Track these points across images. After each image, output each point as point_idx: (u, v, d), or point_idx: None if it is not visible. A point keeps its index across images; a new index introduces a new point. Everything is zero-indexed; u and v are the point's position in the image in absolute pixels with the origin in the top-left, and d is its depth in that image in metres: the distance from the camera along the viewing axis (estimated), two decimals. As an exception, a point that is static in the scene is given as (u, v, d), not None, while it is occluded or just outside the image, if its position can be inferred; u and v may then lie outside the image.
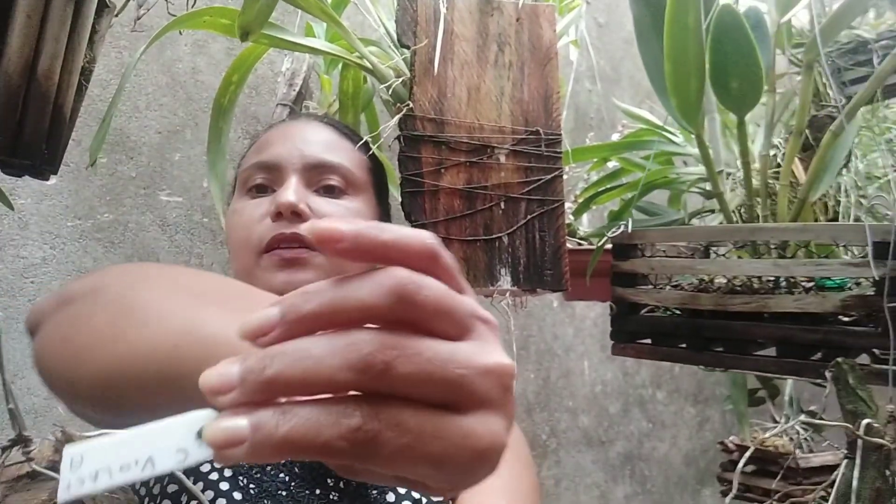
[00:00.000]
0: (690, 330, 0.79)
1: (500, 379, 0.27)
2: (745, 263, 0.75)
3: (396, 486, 0.29)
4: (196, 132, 1.02)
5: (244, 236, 0.74)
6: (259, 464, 0.67)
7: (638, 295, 0.84)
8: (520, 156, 0.72)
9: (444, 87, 0.71)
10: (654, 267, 0.82)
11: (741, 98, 0.74)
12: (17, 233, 0.88)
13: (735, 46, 0.70)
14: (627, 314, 0.85)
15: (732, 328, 0.75)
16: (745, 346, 0.76)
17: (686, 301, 0.78)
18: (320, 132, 0.79)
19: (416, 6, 0.71)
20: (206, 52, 1.04)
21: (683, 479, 1.66)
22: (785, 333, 0.71)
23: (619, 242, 0.84)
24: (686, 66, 0.72)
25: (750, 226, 0.79)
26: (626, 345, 0.85)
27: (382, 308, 0.25)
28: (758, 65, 0.71)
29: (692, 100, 0.74)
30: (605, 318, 1.55)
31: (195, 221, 1.02)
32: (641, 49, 0.81)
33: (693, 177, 0.91)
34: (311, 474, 0.69)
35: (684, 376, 1.67)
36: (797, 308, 0.70)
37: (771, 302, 0.71)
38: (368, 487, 0.69)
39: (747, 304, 0.73)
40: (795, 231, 0.72)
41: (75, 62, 0.59)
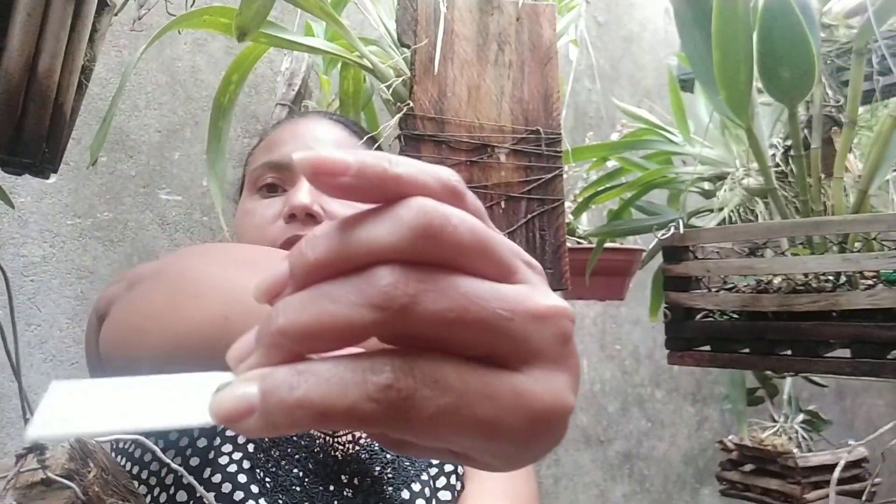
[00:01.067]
0: (753, 333, 0.75)
1: (557, 326, 0.23)
2: (811, 260, 0.71)
3: (443, 459, 0.25)
4: (196, 131, 1.02)
5: (256, 237, 0.74)
6: (277, 457, 0.67)
7: (693, 299, 0.80)
8: (520, 155, 0.72)
9: (445, 86, 0.71)
10: (709, 269, 0.78)
11: (793, 88, 0.70)
12: (17, 231, 0.88)
13: (786, 33, 0.67)
14: (683, 320, 0.81)
15: (800, 329, 0.71)
16: (814, 348, 0.72)
17: (747, 303, 0.74)
18: (331, 130, 0.79)
19: (416, 5, 0.71)
20: (205, 51, 1.04)
21: (682, 478, 1.66)
22: (858, 332, 0.67)
23: (670, 245, 0.81)
24: (735, 55, 0.69)
25: (813, 220, 0.74)
26: (683, 353, 0.81)
27: (405, 247, 0.20)
28: (810, 52, 0.67)
29: (742, 91, 0.71)
30: (604, 318, 1.56)
31: (195, 220, 1.02)
32: (684, 43, 0.78)
33: (692, 176, 0.91)
34: (325, 471, 0.69)
35: (683, 375, 1.68)
36: (871, 304, 0.66)
37: (841, 299, 0.67)
38: (384, 484, 0.69)
39: (815, 303, 0.69)
40: (863, 222, 0.68)
41: (76, 61, 0.59)
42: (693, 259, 0.80)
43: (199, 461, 0.65)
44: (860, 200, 0.74)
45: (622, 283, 1.07)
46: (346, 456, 0.70)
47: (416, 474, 0.71)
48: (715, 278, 0.81)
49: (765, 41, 0.69)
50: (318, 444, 0.70)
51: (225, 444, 0.66)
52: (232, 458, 0.65)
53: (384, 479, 0.69)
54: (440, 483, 0.73)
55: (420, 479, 0.71)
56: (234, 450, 0.66)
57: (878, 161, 0.73)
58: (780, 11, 0.67)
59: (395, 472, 0.70)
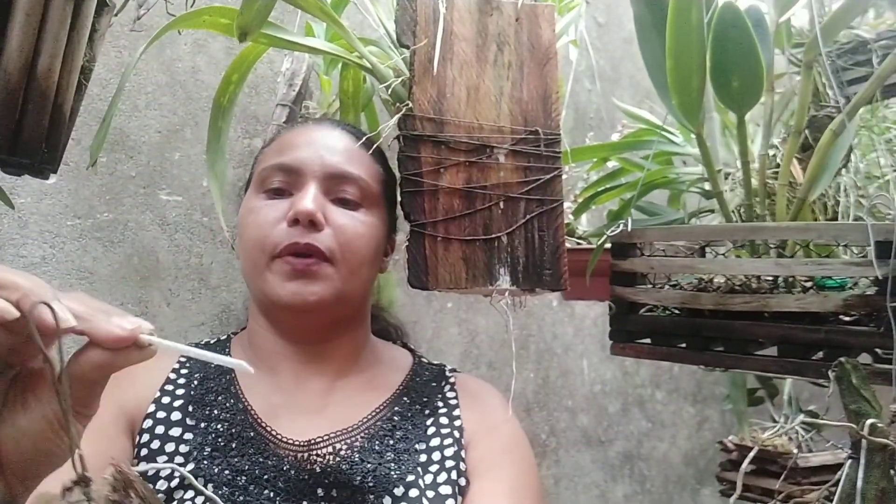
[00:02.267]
0: (690, 329, 0.79)
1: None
2: (747, 263, 0.74)
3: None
4: (196, 131, 1.02)
5: (258, 237, 0.74)
6: (244, 484, 0.68)
7: (637, 294, 0.84)
8: (519, 155, 0.72)
9: (444, 86, 0.71)
10: (653, 266, 0.82)
11: (742, 97, 0.74)
12: (17, 232, 0.88)
13: (736, 44, 0.70)
14: (626, 314, 0.85)
15: (733, 327, 0.75)
16: (745, 346, 0.75)
17: (686, 300, 0.78)
18: (342, 140, 0.79)
19: (415, 6, 0.71)
20: (205, 52, 1.04)
21: (683, 479, 1.66)
22: (786, 333, 0.71)
23: (619, 241, 0.84)
24: (688, 63, 0.72)
25: (750, 225, 0.78)
26: (625, 344, 0.85)
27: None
28: (759, 63, 0.70)
29: (693, 98, 0.74)
30: (604, 318, 1.55)
31: (195, 220, 1.02)
32: (642, 47, 0.81)
33: (693, 176, 0.91)
34: (299, 486, 0.69)
35: (683, 376, 1.67)
36: (799, 307, 0.70)
37: (772, 301, 0.71)
38: (365, 493, 0.69)
39: (748, 304, 0.73)
40: (797, 230, 0.72)
41: (75, 61, 0.59)
42: (639, 256, 0.83)
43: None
44: (798, 208, 0.77)
45: (622, 284, 1.07)
46: (324, 468, 0.70)
47: (399, 478, 0.71)
48: (661, 276, 0.84)
49: (718, 51, 0.71)
50: (289, 462, 0.70)
51: (187, 492, 0.67)
52: (195, 502, 0.66)
53: (364, 488, 0.69)
54: (441, 478, 0.73)
55: (405, 481, 0.71)
56: (195, 495, 0.67)
57: (818, 171, 0.75)
58: (733, 23, 0.70)
59: (377, 479, 0.70)
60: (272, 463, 0.70)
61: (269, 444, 0.71)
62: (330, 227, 0.74)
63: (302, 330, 0.78)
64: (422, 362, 0.87)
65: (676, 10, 0.70)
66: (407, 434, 0.76)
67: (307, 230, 0.72)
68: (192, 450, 0.70)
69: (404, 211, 0.71)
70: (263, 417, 0.73)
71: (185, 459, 0.69)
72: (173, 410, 0.73)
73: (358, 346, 0.82)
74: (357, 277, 0.76)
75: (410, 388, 0.81)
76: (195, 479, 0.68)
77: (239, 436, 0.71)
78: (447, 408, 0.80)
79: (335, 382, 0.79)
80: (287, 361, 0.78)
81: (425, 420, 0.78)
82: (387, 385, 0.81)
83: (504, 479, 0.75)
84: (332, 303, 0.74)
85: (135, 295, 0.96)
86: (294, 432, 0.73)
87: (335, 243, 0.73)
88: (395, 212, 0.85)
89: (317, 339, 0.78)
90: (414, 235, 0.70)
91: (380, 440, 0.74)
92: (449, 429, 0.78)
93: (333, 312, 0.76)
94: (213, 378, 0.77)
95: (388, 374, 0.83)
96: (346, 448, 0.73)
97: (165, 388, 0.75)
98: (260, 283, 0.75)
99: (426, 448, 0.75)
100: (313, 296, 0.72)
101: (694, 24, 0.70)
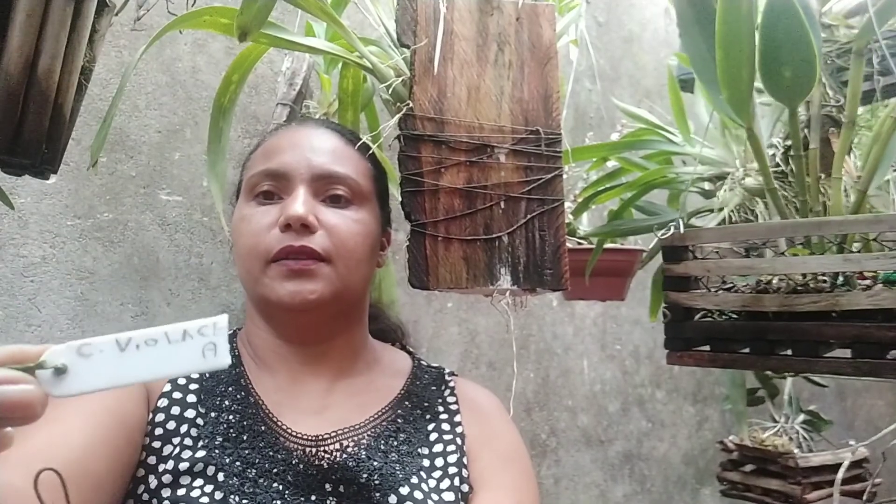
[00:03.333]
0: (754, 333, 0.75)
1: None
2: (812, 260, 0.71)
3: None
4: (196, 131, 1.02)
5: (252, 244, 0.74)
6: (255, 476, 0.68)
7: (693, 299, 0.80)
8: (520, 155, 0.72)
9: (444, 86, 0.71)
10: (709, 269, 0.78)
11: (794, 88, 0.70)
12: (17, 232, 0.88)
13: (788, 33, 0.67)
14: (682, 320, 0.81)
15: (801, 329, 0.71)
16: (815, 348, 0.72)
17: (748, 303, 0.74)
18: (328, 140, 0.79)
19: (416, 6, 0.71)
20: (206, 52, 1.04)
21: (683, 479, 1.66)
22: (859, 332, 0.67)
23: (670, 245, 0.81)
24: (738, 55, 0.69)
25: (814, 220, 0.74)
26: (682, 353, 0.81)
27: None
28: (812, 52, 0.67)
29: (744, 91, 0.71)
30: (604, 318, 1.56)
31: (195, 220, 1.02)
32: (685, 42, 0.78)
33: (692, 176, 0.91)
34: (307, 481, 0.69)
35: (683, 376, 1.68)
36: (871, 304, 0.66)
37: (842, 300, 0.68)
38: (371, 490, 0.69)
39: (816, 304, 0.69)
40: (866, 223, 0.68)
41: (75, 61, 0.59)
42: (693, 259, 0.80)
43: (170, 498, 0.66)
44: (859, 201, 0.74)
45: (622, 284, 1.07)
46: (331, 464, 0.70)
47: (404, 478, 0.71)
48: (714, 278, 0.81)
49: (767, 41, 0.68)
50: (297, 456, 0.71)
51: (195, 479, 0.67)
52: (203, 490, 0.66)
53: (371, 485, 0.69)
54: (444, 485, 0.74)
55: (409, 482, 0.71)
56: (204, 483, 0.67)
57: (877, 161, 0.73)
58: (783, 11, 0.67)
59: (383, 477, 0.70)
60: (281, 457, 0.70)
61: (280, 437, 0.72)
62: (323, 227, 0.74)
63: (300, 331, 0.78)
64: (421, 365, 0.87)
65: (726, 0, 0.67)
66: (410, 438, 0.76)
67: (300, 234, 0.72)
68: (202, 436, 0.70)
69: (405, 211, 0.71)
70: (273, 411, 0.74)
71: (194, 443, 0.70)
72: (188, 393, 0.74)
73: (356, 347, 0.82)
74: (354, 275, 0.76)
75: (411, 393, 0.81)
76: (206, 467, 0.68)
77: (250, 428, 0.71)
78: (448, 413, 0.80)
79: (334, 384, 0.79)
80: (285, 363, 0.78)
81: (427, 425, 0.78)
82: (387, 388, 0.81)
83: (505, 489, 0.76)
84: (330, 301, 0.74)
85: (135, 295, 0.96)
86: (301, 428, 0.73)
87: (330, 243, 0.74)
88: (388, 206, 0.85)
89: (315, 340, 0.78)
90: (414, 235, 0.70)
91: (385, 440, 0.74)
92: (451, 435, 0.78)
93: (332, 312, 0.76)
94: (222, 371, 0.77)
95: (388, 377, 0.83)
96: (354, 445, 0.73)
97: (176, 379, 0.75)
98: (258, 288, 0.75)
99: (429, 453, 0.75)
100: (312, 294, 0.72)
101: (744, 14, 0.67)
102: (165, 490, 0.66)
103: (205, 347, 0.37)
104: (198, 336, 0.37)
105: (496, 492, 0.75)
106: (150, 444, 0.70)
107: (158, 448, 0.69)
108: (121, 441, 0.67)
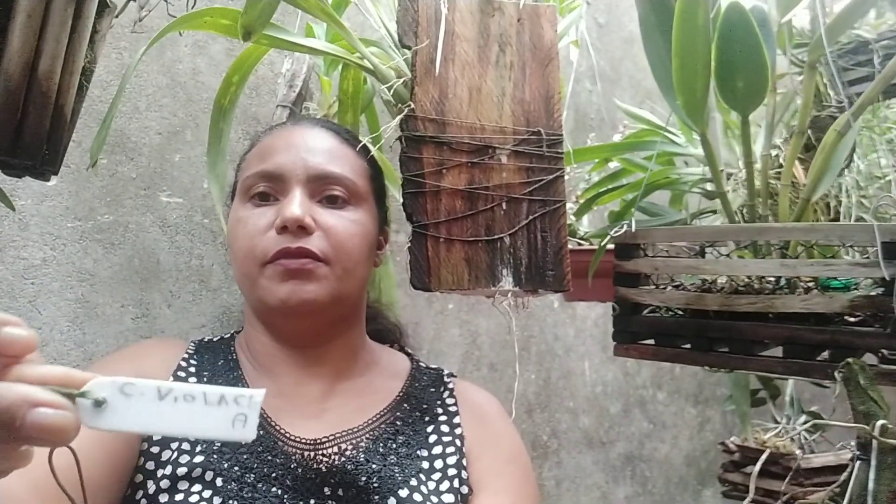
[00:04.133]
0: (695, 330, 0.79)
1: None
2: (752, 263, 0.74)
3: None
4: (196, 133, 1.02)
5: (248, 246, 0.74)
6: (253, 481, 0.68)
7: (641, 295, 0.83)
8: (521, 156, 0.72)
9: (446, 87, 0.71)
10: (657, 267, 0.81)
11: (746, 97, 0.74)
12: (18, 234, 0.88)
13: (742, 45, 0.70)
14: (630, 314, 0.84)
15: (738, 328, 0.75)
16: (750, 347, 0.75)
17: (691, 301, 0.77)
18: (323, 139, 0.78)
19: (417, 7, 0.71)
20: (206, 53, 1.04)
21: (684, 480, 1.65)
22: (791, 334, 0.71)
23: (622, 242, 0.84)
24: (693, 63, 0.72)
25: (756, 225, 0.78)
26: (628, 346, 0.85)
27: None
28: (764, 64, 0.70)
29: (698, 98, 0.74)
30: (606, 319, 1.55)
31: (195, 222, 1.02)
32: (647, 48, 0.80)
33: (694, 177, 0.91)
34: (306, 485, 0.69)
35: (685, 377, 1.67)
36: (804, 308, 0.69)
37: (777, 302, 0.71)
38: (370, 493, 0.69)
39: (753, 305, 0.73)
40: (803, 231, 0.72)
41: (76, 63, 0.58)
42: (643, 256, 0.83)
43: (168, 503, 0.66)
44: (802, 208, 0.77)
45: (624, 285, 1.07)
46: (330, 468, 0.70)
47: (404, 480, 0.71)
48: (663, 276, 0.84)
49: (723, 51, 0.71)
50: (296, 460, 0.70)
51: (193, 484, 0.67)
52: (202, 496, 0.66)
53: (370, 488, 0.69)
54: (444, 486, 0.73)
55: (409, 484, 0.71)
56: (203, 488, 0.67)
57: (821, 172, 0.75)
58: (738, 23, 0.70)
59: (382, 480, 0.70)
60: (280, 461, 0.70)
61: (278, 441, 0.71)
62: (320, 229, 0.73)
63: (298, 333, 0.77)
64: (420, 367, 0.86)
65: (683, 9, 0.70)
66: (409, 440, 0.76)
67: (297, 236, 0.72)
68: (200, 441, 0.70)
69: (406, 212, 0.71)
70: (272, 416, 0.73)
71: (192, 448, 0.69)
72: None
73: (354, 349, 0.82)
74: (352, 276, 0.76)
75: (410, 395, 0.81)
76: (204, 472, 0.68)
77: None
78: (447, 415, 0.80)
79: (333, 387, 0.78)
80: (284, 366, 0.78)
81: (426, 427, 0.78)
82: (386, 390, 0.81)
83: (505, 491, 0.75)
84: (328, 303, 0.74)
85: (135, 297, 0.96)
86: (299, 432, 0.73)
87: (327, 245, 0.73)
88: (385, 204, 0.84)
89: (313, 342, 0.78)
90: (416, 236, 0.70)
91: (384, 443, 0.74)
92: (450, 437, 0.78)
93: (330, 313, 0.76)
94: (221, 374, 0.77)
95: (387, 378, 0.82)
96: (352, 448, 0.72)
97: (178, 374, 0.75)
98: (255, 290, 0.75)
99: (428, 455, 0.75)
100: (310, 294, 0.72)
101: (700, 24, 0.70)
102: (164, 495, 0.66)
103: (236, 417, 0.38)
104: (233, 404, 0.38)
105: (496, 494, 0.75)
106: (148, 449, 0.69)
107: (157, 453, 0.69)
108: (118, 445, 0.67)
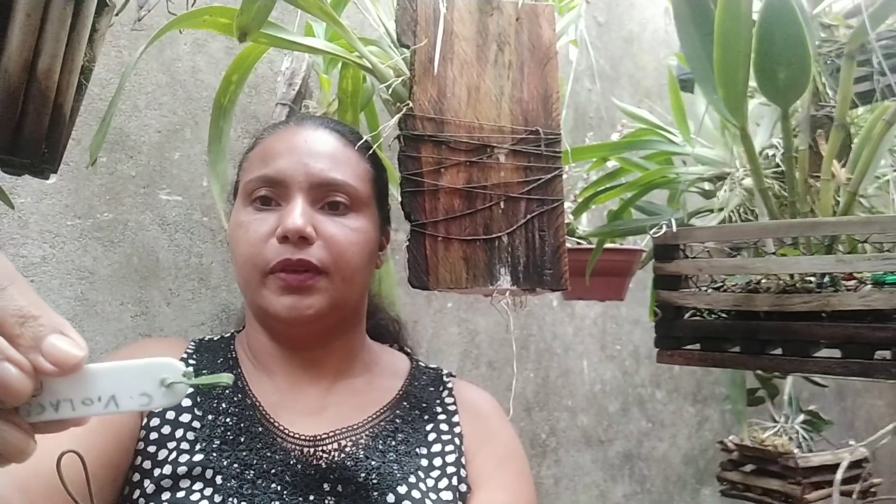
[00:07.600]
0: (745, 333, 0.75)
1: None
2: (804, 260, 0.71)
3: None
4: (196, 131, 1.02)
5: (249, 253, 0.74)
6: (252, 477, 0.68)
7: (684, 298, 0.79)
8: (519, 155, 0.72)
9: (444, 86, 0.71)
10: (701, 268, 0.78)
11: (788, 89, 0.70)
12: (17, 231, 0.88)
13: (785, 34, 0.67)
14: (673, 319, 0.80)
15: (792, 329, 0.71)
16: (805, 348, 0.72)
17: (739, 302, 0.74)
18: (326, 143, 0.78)
19: (415, 6, 0.71)
20: (205, 52, 1.04)
21: (683, 479, 1.66)
22: (850, 332, 0.67)
23: (662, 243, 0.81)
24: (736, 55, 0.69)
25: (808, 221, 0.74)
26: (672, 351, 0.81)
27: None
28: (807, 54, 0.67)
29: (739, 90, 0.71)
30: (604, 318, 1.56)
31: (195, 220, 1.02)
32: (682, 40, 0.78)
33: (692, 176, 0.91)
34: (305, 481, 0.70)
35: (683, 376, 1.68)
36: (862, 305, 0.66)
37: (833, 300, 0.68)
38: (369, 489, 0.70)
39: (807, 304, 0.69)
40: (860, 224, 0.68)
41: (75, 61, 0.59)
42: (684, 258, 0.80)
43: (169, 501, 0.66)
44: (849, 202, 0.74)
45: (622, 284, 1.07)
46: (329, 464, 0.71)
47: (402, 477, 0.71)
48: (703, 277, 0.81)
49: (764, 41, 0.68)
50: (295, 456, 0.71)
51: (195, 483, 0.67)
52: (203, 493, 0.67)
53: (369, 484, 0.70)
54: (442, 484, 0.74)
55: (407, 481, 0.71)
56: (203, 486, 0.67)
57: (867, 164, 0.73)
58: (780, 12, 0.67)
59: (381, 476, 0.70)
60: (279, 457, 0.70)
61: (277, 438, 0.72)
62: (321, 238, 0.73)
63: (298, 338, 0.78)
64: (419, 366, 0.87)
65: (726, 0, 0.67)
66: (408, 438, 0.76)
67: (298, 246, 0.72)
68: (199, 439, 0.70)
69: (404, 211, 0.71)
70: (270, 413, 0.74)
71: (191, 447, 0.70)
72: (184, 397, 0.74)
73: (354, 350, 0.82)
74: (352, 285, 0.76)
75: (409, 394, 0.81)
76: (204, 470, 0.68)
77: (247, 430, 0.72)
78: (446, 414, 0.80)
79: (333, 386, 0.79)
80: (283, 366, 0.78)
81: (425, 425, 0.78)
82: (385, 389, 0.81)
83: (502, 489, 0.76)
84: (328, 313, 0.74)
85: (135, 295, 0.96)
86: (299, 429, 0.73)
87: (327, 255, 0.73)
88: (387, 204, 0.84)
89: (312, 345, 0.78)
90: (414, 235, 0.70)
91: (383, 440, 0.75)
92: (449, 435, 0.78)
93: (330, 320, 0.76)
94: (219, 372, 0.77)
95: (386, 378, 0.83)
96: (352, 445, 0.73)
97: None
98: (256, 298, 0.75)
99: (427, 453, 0.75)
100: (310, 309, 0.73)
101: (743, 13, 0.67)
102: (164, 494, 0.66)
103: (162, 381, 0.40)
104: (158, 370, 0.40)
105: (493, 492, 0.75)
106: (144, 448, 0.70)
107: (154, 452, 0.69)
108: (111, 446, 0.67)
